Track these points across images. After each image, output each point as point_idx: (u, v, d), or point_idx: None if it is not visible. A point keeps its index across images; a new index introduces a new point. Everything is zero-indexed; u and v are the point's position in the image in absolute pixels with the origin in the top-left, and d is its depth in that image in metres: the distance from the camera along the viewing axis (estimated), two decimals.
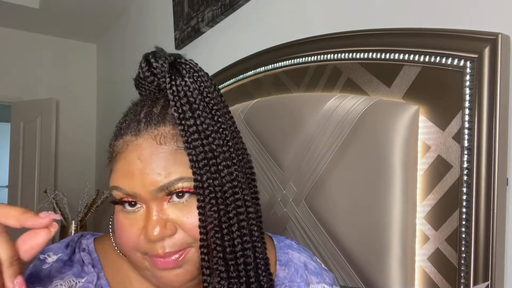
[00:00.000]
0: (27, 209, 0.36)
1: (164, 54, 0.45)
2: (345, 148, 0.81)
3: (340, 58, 0.88)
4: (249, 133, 1.08)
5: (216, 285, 0.43)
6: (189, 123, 0.42)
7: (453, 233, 0.68)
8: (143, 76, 0.46)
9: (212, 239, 0.42)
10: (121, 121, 0.47)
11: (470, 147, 0.64)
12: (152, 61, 0.45)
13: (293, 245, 0.59)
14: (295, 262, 0.56)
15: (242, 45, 1.41)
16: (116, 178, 0.43)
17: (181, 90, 0.43)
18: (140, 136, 0.43)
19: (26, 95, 3.18)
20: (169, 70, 0.44)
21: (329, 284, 0.57)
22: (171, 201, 0.43)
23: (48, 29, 3.15)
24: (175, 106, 0.42)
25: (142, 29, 2.47)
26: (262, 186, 1.03)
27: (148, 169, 0.42)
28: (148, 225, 0.42)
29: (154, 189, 0.42)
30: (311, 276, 0.56)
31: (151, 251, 0.42)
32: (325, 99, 0.88)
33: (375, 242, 0.75)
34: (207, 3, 1.57)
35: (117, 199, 0.43)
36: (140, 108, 0.46)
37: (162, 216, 0.42)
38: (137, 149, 0.43)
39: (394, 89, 0.77)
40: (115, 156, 0.45)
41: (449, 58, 0.68)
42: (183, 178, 0.42)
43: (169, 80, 0.43)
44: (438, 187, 0.70)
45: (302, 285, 0.55)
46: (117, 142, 0.45)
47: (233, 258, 0.43)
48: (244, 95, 1.21)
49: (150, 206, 0.43)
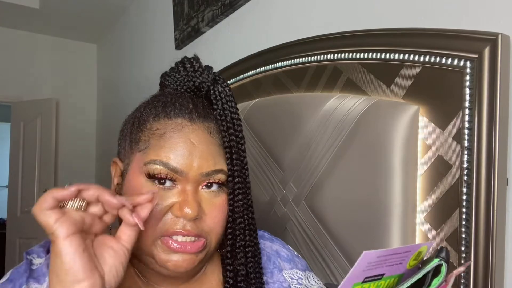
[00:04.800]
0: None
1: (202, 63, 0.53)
2: (345, 148, 0.81)
3: (340, 58, 0.88)
4: (249, 133, 1.08)
5: (237, 267, 0.50)
6: (229, 125, 0.49)
7: (453, 233, 0.68)
8: (185, 74, 0.52)
9: (237, 227, 0.49)
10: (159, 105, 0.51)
11: (470, 147, 0.64)
12: (197, 65, 0.52)
13: (265, 236, 0.64)
14: (267, 251, 0.60)
15: (242, 45, 1.41)
16: (163, 153, 0.46)
17: (223, 97, 0.50)
18: (195, 123, 0.48)
19: (26, 95, 3.18)
20: (214, 78, 0.52)
21: (302, 269, 0.61)
22: (203, 189, 0.48)
23: (48, 29, 3.15)
24: (217, 108, 0.50)
25: (142, 29, 2.47)
26: (262, 186, 1.03)
27: (200, 153, 0.47)
28: (186, 202, 0.46)
29: (200, 173, 0.46)
30: (283, 263, 0.60)
31: (174, 227, 0.46)
32: (325, 99, 0.88)
33: (375, 242, 0.75)
34: (207, 3, 1.58)
35: (157, 173, 0.46)
36: (183, 100, 0.50)
37: (197, 200, 0.47)
38: (192, 133, 0.47)
39: (394, 89, 0.77)
40: (161, 133, 0.48)
41: (449, 58, 0.68)
42: (223, 170, 0.48)
43: (213, 86, 0.51)
44: (438, 187, 0.70)
45: (275, 271, 0.59)
46: (164, 121, 0.49)
47: (249, 245, 0.51)
48: (244, 95, 1.21)
49: (187, 187, 0.47)
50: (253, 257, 0.52)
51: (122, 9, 2.71)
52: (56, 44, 3.34)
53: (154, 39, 2.27)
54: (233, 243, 0.49)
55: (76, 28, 3.14)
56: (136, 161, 0.48)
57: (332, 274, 0.83)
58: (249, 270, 0.51)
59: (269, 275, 0.57)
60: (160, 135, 0.48)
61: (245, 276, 0.50)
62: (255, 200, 1.03)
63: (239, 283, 0.50)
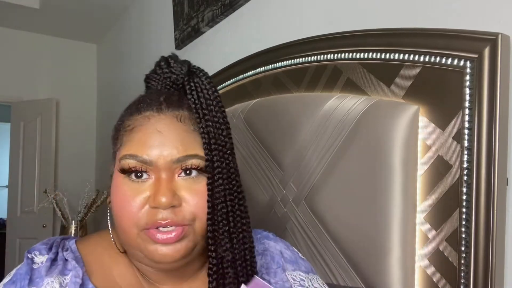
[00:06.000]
0: None
1: (179, 59, 0.53)
2: (345, 148, 0.81)
3: (340, 58, 0.88)
4: (249, 133, 1.08)
5: (222, 253, 0.48)
6: (204, 112, 0.48)
7: (453, 233, 0.68)
8: (160, 72, 0.53)
9: (219, 213, 0.47)
10: (134, 104, 0.52)
11: (470, 147, 0.64)
12: (172, 62, 0.52)
13: (269, 236, 0.63)
14: (271, 250, 0.60)
15: (242, 45, 1.41)
16: (132, 147, 0.47)
17: (198, 86, 0.50)
18: (163, 113, 0.49)
19: (26, 95, 3.17)
20: (188, 71, 0.52)
21: (305, 272, 0.60)
22: (181, 176, 0.47)
23: (48, 29, 3.15)
24: (192, 97, 0.49)
25: (142, 29, 2.47)
26: (262, 186, 1.03)
27: (167, 141, 0.47)
28: (158, 191, 0.45)
29: (170, 160, 0.46)
30: (286, 264, 0.60)
31: (153, 219, 0.45)
32: (325, 99, 0.88)
33: (375, 242, 0.75)
34: (207, 3, 1.58)
35: (129, 167, 0.47)
36: (156, 95, 0.51)
37: (171, 188, 0.46)
38: (159, 122, 0.48)
39: (394, 89, 0.77)
40: (131, 129, 0.49)
41: (449, 58, 0.68)
42: (197, 155, 0.47)
43: (187, 78, 0.51)
44: (438, 187, 0.70)
45: (279, 271, 0.58)
46: (134, 117, 0.50)
47: (235, 232, 0.49)
48: (244, 95, 1.21)
49: (161, 176, 0.46)
50: (243, 244, 0.50)
51: (122, 9, 2.71)
52: (56, 44, 3.33)
53: (154, 39, 2.27)
54: (215, 229, 0.48)
55: (76, 28, 3.14)
56: (116, 161, 0.50)
57: (332, 274, 0.83)
58: (235, 256, 0.49)
59: (272, 275, 0.57)
60: (130, 130, 0.49)
61: (231, 262, 0.49)
62: (255, 200, 1.04)
63: (226, 269, 0.48)
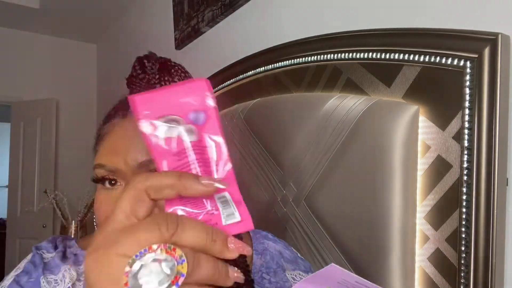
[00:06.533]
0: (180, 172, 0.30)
1: (155, 57, 0.51)
2: (345, 148, 0.81)
3: (340, 58, 0.88)
4: (249, 133, 1.08)
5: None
6: None
7: (453, 233, 0.68)
8: (135, 74, 0.51)
9: None
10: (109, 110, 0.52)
11: (470, 147, 0.64)
12: (145, 62, 0.51)
13: (268, 236, 0.63)
14: (270, 250, 0.60)
15: (242, 45, 1.41)
16: (99, 156, 0.47)
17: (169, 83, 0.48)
18: (127, 119, 0.48)
19: (26, 95, 3.17)
20: (159, 69, 0.49)
21: (304, 271, 0.60)
22: None
23: (48, 29, 3.15)
24: None
25: (142, 29, 2.47)
26: (262, 186, 1.03)
27: (130, 146, 0.46)
28: None
29: (135, 165, 0.45)
30: (286, 264, 0.60)
31: None
32: (325, 99, 0.88)
33: (375, 242, 0.75)
34: (207, 3, 1.58)
35: (99, 176, 0.47)
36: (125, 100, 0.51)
37: None
38: (123, 128, 0.47)
39: (394, 89, 0.77)
40: (101, 138, 0.49)
41: (449, 58, 0.68)
42: None
43: (158, 77, 0.49)
44: (438, 187, 0.70)
45: (279, 270, 0.59)
46: (104, 126, 0.50)
47: None
48: (244, 95, 1.21)
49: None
50: None
51: (122, 9, 2.71)
52: (56, 44, 3.33)
53: (154, 39, 2.26)
54: None
55: (76, 28, 3.14)
56: None
57: None
58: None
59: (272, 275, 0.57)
60: (100, 139, 0.49)
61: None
62: (255, 200, 1.04)
63: None
